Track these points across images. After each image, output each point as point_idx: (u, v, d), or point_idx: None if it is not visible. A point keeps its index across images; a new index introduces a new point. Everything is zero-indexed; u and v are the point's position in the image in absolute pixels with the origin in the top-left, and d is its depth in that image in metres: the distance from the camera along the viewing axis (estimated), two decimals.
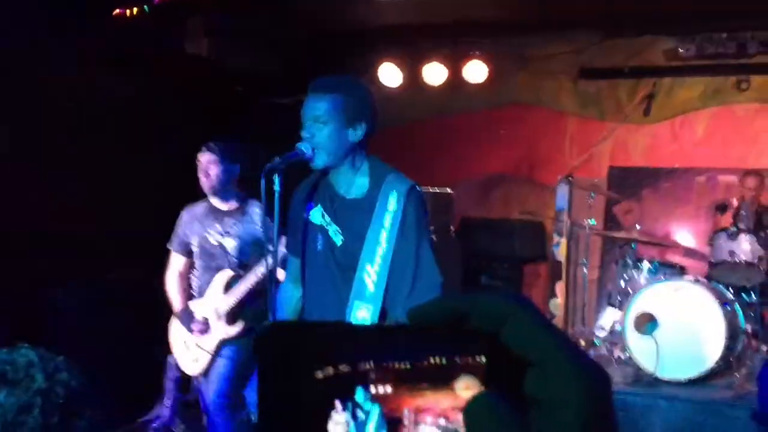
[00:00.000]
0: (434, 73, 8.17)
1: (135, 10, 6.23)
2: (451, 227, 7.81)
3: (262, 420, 0.53)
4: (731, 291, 6.43)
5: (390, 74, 8.23)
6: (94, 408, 1.60)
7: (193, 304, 5.02)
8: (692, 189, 7.95)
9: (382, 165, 3.53)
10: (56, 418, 1.48)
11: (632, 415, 5.99)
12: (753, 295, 6.55)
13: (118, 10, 6.28)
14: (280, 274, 4.27)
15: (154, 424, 5.65)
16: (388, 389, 0.53)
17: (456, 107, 8.49)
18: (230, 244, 4.92)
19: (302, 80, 3.54)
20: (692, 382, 6.05)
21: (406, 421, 0.53)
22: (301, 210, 3.58)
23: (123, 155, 6.07)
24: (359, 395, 0.53)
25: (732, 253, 6.44)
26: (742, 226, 6.57)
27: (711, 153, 7.88)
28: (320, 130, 3.33)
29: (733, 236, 6.49)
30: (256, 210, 4.92)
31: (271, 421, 0.53)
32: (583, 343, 7.06)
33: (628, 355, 6.25)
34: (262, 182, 3.22)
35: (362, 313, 3.40)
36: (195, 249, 5.03)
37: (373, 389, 0.53)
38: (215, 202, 5.00)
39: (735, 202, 6.95)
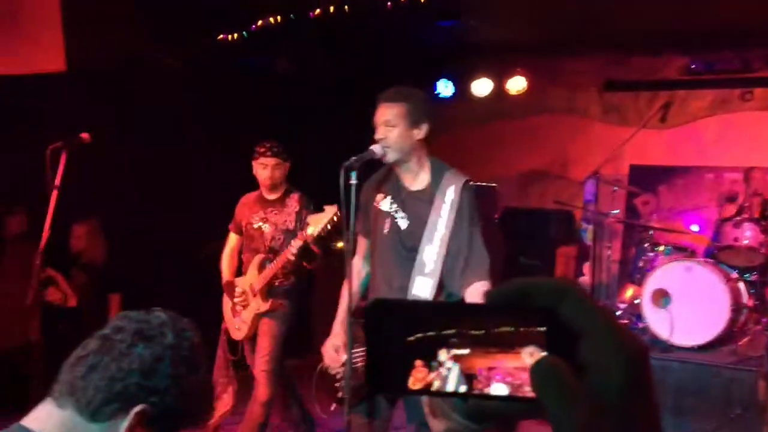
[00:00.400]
0: (482, 87, 8.14)
1: (235, 35, 6.29)
2: (495, 216, 7.77)
3: (368, 371, 0.58)
4: (735, 271, 6.32)
5: (445, 87, 8.22)
6: (206, 360, 1.64)
7: (237, 280, 5.00)
8: (702, 185, 7.82)
9: (441, 163, 3.56)
10: (183, 368, 1.51)
11: None
12: (754, 275, 6.43)
13: (221, 35, 6.35)
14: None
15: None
16: (466, 351, 0.56)
17: (500, 115, 8.45)
18: (267, 229, 4.90)
19: (372, 91, 3.55)
20: (701, 348, 5.97)
21: (479, 378, 0.56)
22: (371, 199, 3.62)
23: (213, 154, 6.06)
24: (442, 355, 0.56)
25: (736, 239, 6.33)
26: (745, 215, 6.45)
27: (718, 154, 7.75)
28: (390, 132, 3.38)
29: (737, 224, 6.37)
30: (293, 202, 4.91)
31: (374, 372, 0.58)
32: None
33: (645, 324, 6.18)
34: (341, 176, 3.24)
35: (422, 286, 3.42)
36: (243, 231, 5.03)
37: (453, 351, 0.56)
38: (265, 192, 4.98)
39: (740, 195, 6.83)
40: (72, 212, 5.29)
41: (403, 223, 3.50)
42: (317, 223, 4.41)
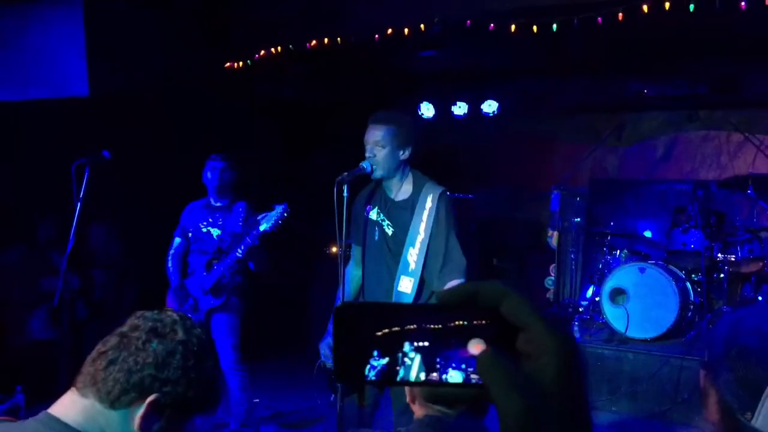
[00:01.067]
0: (459, 108, 8.16)
1: (241, 63, 6.30)
2: (472, 224, 7.79)
3: (335, 364, 0.60)
4: (684, 272, 6.37)
5: (427, 109, 8.25)
6: (214, 354, 1.65)
7: (186, 283, 4.88)
8: (654, 195, 7.87)
9: (421, 176, 3.58)
10: (192, 360, 1.52)
11: (607, 364, 5.96)
12: (700, 276, 6.47)
13: (228, 63, 6.36)
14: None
15: None
16: (426, 343, 0.58)
17: (475, 134, 8.48)
18: (215, 233, 4.81)
19: (364, 113, 3.57)
20: (653, 341, 6.01)
21: (438, 366, 0.58)
22: (362, 210, 3.64)
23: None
24: (406, 347, 0.58)
25: (684, 243, 6.37)
26: (692, 223, 6.50)
27: (668, 168, 7.80)
28: (379, 152, 3.40)
29: (685, 231, 6.42)
30: (240, 209, 4.83)
31: (340, 364, 0.60)
32: (570, 310, 7.02)
33: (604, 320, 6.22)
34: (335, 190, 3.26)
35: (405, 284, 3.44)
36: (190, 235, 4.91)
37: (415, 343, 0.58)
38: (212, 200, 4.89)
39: (688, 205, 6.89)
40: (93, 217, 5.26)
41: (389, 230, 3.52)
42: (269, 221, 4.40)
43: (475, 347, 0.57)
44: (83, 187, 4.10)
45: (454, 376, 0.57)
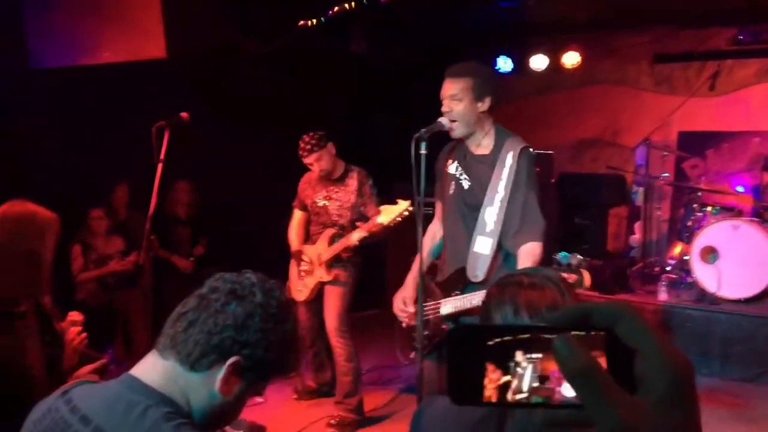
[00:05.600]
0: (538, 62, 7.91)
1: (314, 21, 6.24)
2: (552, 180, 7.59)
3: (451, 386, 0.58)
4: None
5: (504, 63, 8.03)
6: (294, 316, 1.62)
7: (306, 248, 4.94)
8: (747, 149, 7.45)
9: (503, 130, 3.46)
10: (271, 323, 1.49)
11: (697, 326, 5.76)
12: None
13: (301, 22, 6.31)
14: None
15: None
16: (540, 355, 0.56)
17: (556, 87, 8.22)
18: (331, 206, 4.81)
19: (439, 67, 3.45)
20: (746, 301, 5.76)
21: (552, 378, 0.56)
22: (444, 165, 3.55)
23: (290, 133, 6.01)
24: (518, 357, 0.56)
25: None
26: None
27: (764, 119, 7.36)
28: (456, 106, 3.30)
29: None
30: (353, 181, 4.80)
31: (458, 386, 0.58)
32: (657, 269, 6.78)
33: (693, 279, 5.99)
34: (412, 146, 3.17)
35: (482, 245, 3.35)
36: (309, 208, 4.95)
37: (528, 354, 0.56)
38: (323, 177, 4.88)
39: None
40: (169, 181, 5.37)
41: (465, 184, 3.43)
42: (389, 214, 4.34)
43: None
44: (164, 149, 4.14)
45: (569, 390, 0.54)
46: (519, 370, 0.56)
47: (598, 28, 7.72)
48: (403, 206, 4.31)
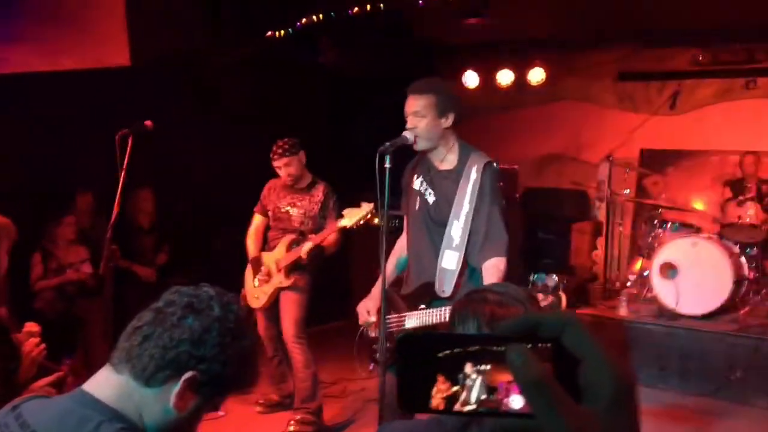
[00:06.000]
0: (504, 77, 7.99)
1: (282, 32, 6.23)
2: (516, 195, 7.66)
3: (400, 395, 0.59)
4: (738, 246, 6.17)
5: (471, 78, 8.10)
6: (253, 331, 1.60)
7: (263, 255, 4.91)
8: (707, 167, 7.62)
9: (467, 145, 3.48)
10: (229, 337, 1.47)
11: (656, 341, 5.84)
12: (755, 250, 6.27)
13: (269, 32, 6.29)
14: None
15: None
16: (488, 367, 0.57)
17: (521, 103, 8.31)
18: (295, 213, 4.82)
19: (403, 83, 3.46)
20: (705, 317, 5.86)
21: (500, 390, 0.57)
22: (409, 180, 3.57)
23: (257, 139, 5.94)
24: (468, 369, 0.57)
25: (739, 216, 6.16)
26: (748, 195, 6.29)
27: (723, 139, 7.51)
28: (419, 122, 3.31)
29: (740, 203, 6.20)
30: (318, 193, 4.82)
31: (407, 394, 0.59)
32: (618, 284, 6.87)
33: (653, 294, 6.07)
34: (377, 160, 3.17)
35: (449, 260, 3.36)
36: (270, 213, 4.93)
37: (477, 366, 0.57)
38: (289, 184, 4.87)
39: (742, 177, 6.67)
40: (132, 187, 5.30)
41: (430, 199, 3.45)
42: (352, 217, 4.35)
43: None
44: (127, 156, 4.09)
45: (517, 401, 0.56)
46: (468, 381, 0.57)
47: (563, 45, 7.84)
48: (366, 209, 4.32)
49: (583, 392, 0.55)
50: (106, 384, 1.44)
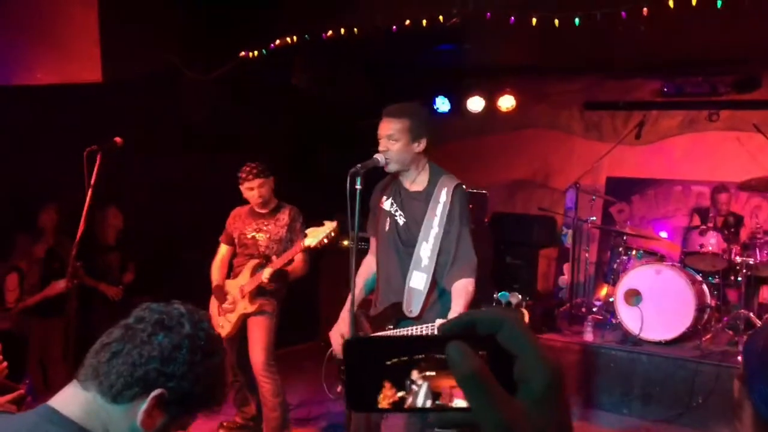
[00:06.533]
0: (475, 104, 8.09)
1: (255, 52, 6.24)
2: (485, 219, 7.72)
3: (349, 396, 0.61)
4: (700, 275, 6.28)
5: (442, 104, 8.20)
6: (223, 350, 1.59)
7: (227, 283, 4.87)
8: (671, 196, 7.77)
9: (438, 168, 3.52)
10: (199, 355, 1.46)
11: (620, 366, 5.88)
12: (717, 278, 6.38)
13: (243, 53, 6.29)
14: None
15: None
16: (433, 373, 0.59)
17: (491, 129, 8.42)
18: (261, 238, 4.79)
19: (376, 106, 3.50)
20: (668, 343, 5.93)
21: (444, 394, 0.59)
22: (377, 202, 3.58)
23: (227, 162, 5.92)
24: (414, 375, 0.59)
25: (701, 245, 6.27)
26: (710, 225, 6.41)
27: (686, 169, 7.69)
28: (392, 146, 3.34)
29: (702, 233, 6.31)
30: (284, 216, 4.82)
31: (356, 396, 0.61)
32: (584, 310, 6.94)
33: (618, 320, 6.14)
34: (348, 182, 3.19)
35: (418, 279, 3.38)
36: (236, 241, 4.91)
37: (423, 372, 0.59)
38: (257, 208, 4.85)
39: (706, 207, 6.81)
40: (102, 202, 5.23)
41: (400, 221, 3.47)
42: (315, 236, 4.32)
43: None
44: (95, 173, 4.05)
45: (460, 404, 0.59)
46: (414, 387, 0.59)
47: (533, 74, 7.97)
48: (329, 227, 4.30)
49: (518, 386, 0.58)
50: (72, 400, 1.42)
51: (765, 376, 1.10)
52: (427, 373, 0.59)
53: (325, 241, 4.31)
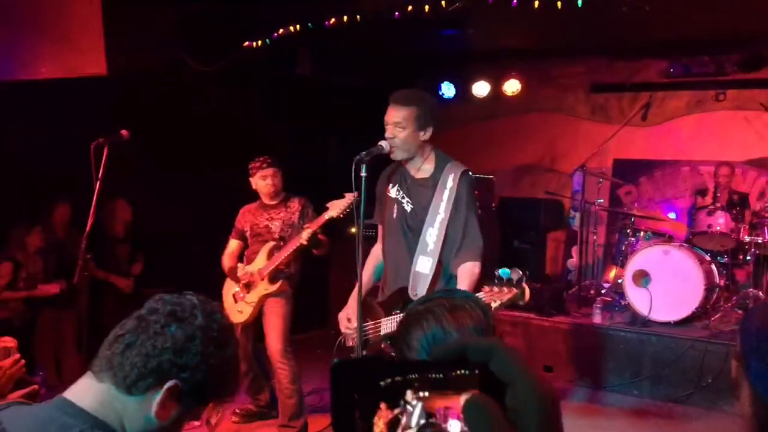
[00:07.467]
0: (480, 88, 8.07)
1: (259, 42, 6.23)
2: (492, 204, 7.72)
3: (334, 420, 0.60)
4: (709, 254, 6.27)
5: (447, 89, 8.18)
6: (236, 340, 1.60)
7: (241, 266, 4.89)
8: (678, 177, 7.74)
9: (443, 155, 3.51)
10: (211, 346, 1.47)
11: (629, 347, 5.90)
12: (725, 258, 6.37)
13: (246, 43, 6.28)
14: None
15: None
16: (426, 393, 0.59)
17: (497, 114, 8.39)
18: (275, 226, 4.83)
19: (380, 94, 3.49)
20: (677, 324, 5.94)
21: (438, 416, 0.59)
22: (384, 189, 3.58)
23: (233, 152, 5.79)
24: (408, 396, 0.59)
25: (710, 225, 6.26)
26: (718, 204, 6.39)
27: (693, 149, 7.65)
28: (399, 133, 3.33)
29: (710, 212, 6.30)
30: (295, 204, 4.86)
31: (344, 420, 0.60)
32: (592, 292, 6.94)
33: (627, 301, 6.14)
34: (353, 169, 3.19)
35: (424, 263, 3.39)
36: (248, 233, 4.93)
37: (417, 393, 0.59)
38: (266, 200, 4.90)
39: (712, 187, 6.78)
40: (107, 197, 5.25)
41: (407, 207, 3.47)
42: (337, 208, 4.33)
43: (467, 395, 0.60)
44: (102, 167, 4.06)
45: (454, 426, 0.58)
46: (408, 407, 0.59)
47: (537, 57, 7.93)
48: (350, 198, 4.26)
49: (510, 415, 0.59)
50: (87, 392, 1.43)
51: (760, 355, 1.11)
52: (422, 394, 0.59)
53: (348, 210, 4.30)
